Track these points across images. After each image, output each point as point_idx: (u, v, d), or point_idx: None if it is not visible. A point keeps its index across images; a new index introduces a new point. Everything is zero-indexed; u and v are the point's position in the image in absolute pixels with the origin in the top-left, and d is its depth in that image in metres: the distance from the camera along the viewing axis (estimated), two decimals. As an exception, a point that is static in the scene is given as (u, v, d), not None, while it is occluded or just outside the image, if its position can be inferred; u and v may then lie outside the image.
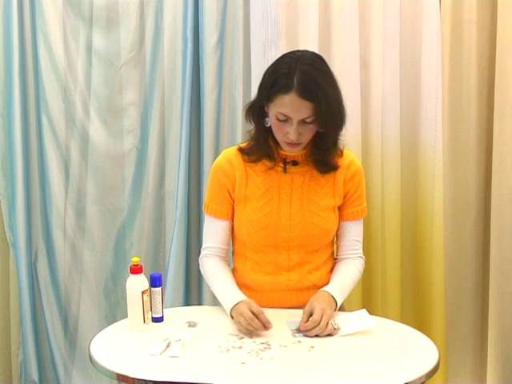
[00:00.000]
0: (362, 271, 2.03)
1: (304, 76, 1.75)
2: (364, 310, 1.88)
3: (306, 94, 1.74)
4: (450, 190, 2.82)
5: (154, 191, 2.88)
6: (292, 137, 1.80)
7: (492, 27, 2.71)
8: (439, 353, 1.70)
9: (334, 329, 1.77)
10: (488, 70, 2.76)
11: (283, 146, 1.88)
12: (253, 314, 1.76)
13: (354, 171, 1.96)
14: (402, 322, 2.06)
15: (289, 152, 1.90)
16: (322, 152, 1.89)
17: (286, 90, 1.75)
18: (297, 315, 1.83)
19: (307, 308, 1.81)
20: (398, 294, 2.79)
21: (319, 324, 1.76)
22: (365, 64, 2.69)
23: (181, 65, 2.76)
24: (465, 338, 2.92)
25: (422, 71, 2.71)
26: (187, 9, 2.71)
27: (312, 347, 1.70)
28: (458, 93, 2.78)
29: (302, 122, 1.78)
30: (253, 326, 1.75)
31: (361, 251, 2.03)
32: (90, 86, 2.84)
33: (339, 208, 1.98)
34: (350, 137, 2.58)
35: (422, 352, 1.70)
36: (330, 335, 1.76)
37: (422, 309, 2.83)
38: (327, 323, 1.77)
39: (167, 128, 2.83)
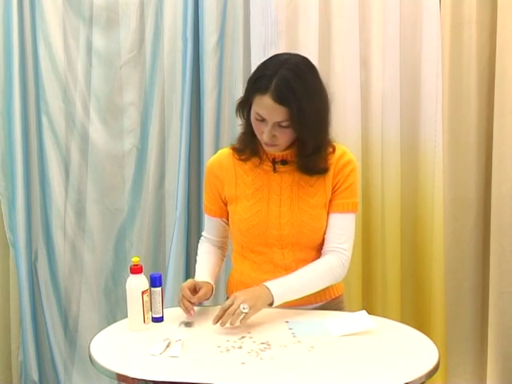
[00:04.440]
0: (336, 266, 1.90)
1: (281, 81, 1.75)
2: (364, 311, 1.87)
3: (278, 98, 1.75)
4: (450, 190, 2.82)
5: (154, 191, 2.88)
6: (265, 137, 1.81)
7: (492, 27, 2.72)
8: (439, 353, 1.69)
9: (242, 312, 1.74)
10: (488, 70, 2.76)
11: (263, 144, 1.88)
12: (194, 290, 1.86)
13: (343, 163, 1.91)
14: (402, 321, 2.06)
15: (272, 152, 1.90)
16: (305, 158, 1.87)
17: (264, 91, 1.76)
18: (297, 315, 1.83)
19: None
20: (398, 294, 2.79)
21: (228, 309, 1.75)
22: (365, 64, 2.69)
23: (181, 65, 2.76)
24: (465, 337, 2.92)
25: (422, 71, 2.71)
26: (187, 9, 2.71)
27: (312, 347, 1.69)
28: (458, 93, 2.78)
29: (278, 125, 1.79)
30: (183, 302, 1.85)
31: (345, 245, 1.92)
32: (90, 86, 2.84)
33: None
34: (350, 136, 2.61)
35: (422, 352, 1.70)
36: (324, 334, 1.76)
37: (422, 309, 2.83)
38: (237, 307, 1.74)
39: (167, 128, 2.84)
